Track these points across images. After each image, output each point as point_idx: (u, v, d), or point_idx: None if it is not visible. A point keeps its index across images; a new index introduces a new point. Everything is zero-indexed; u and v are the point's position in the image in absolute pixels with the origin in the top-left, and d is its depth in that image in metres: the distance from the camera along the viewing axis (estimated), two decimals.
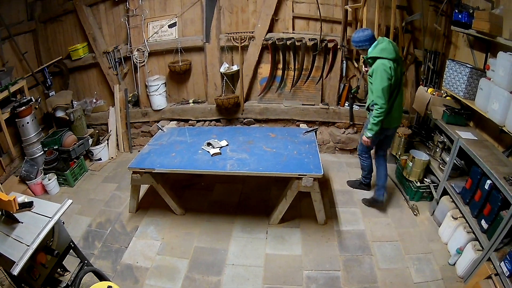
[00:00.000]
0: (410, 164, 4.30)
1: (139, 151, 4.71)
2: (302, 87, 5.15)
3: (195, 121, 5.35)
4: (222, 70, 4.97)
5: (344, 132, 5.31)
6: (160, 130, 4.44)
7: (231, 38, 4.87)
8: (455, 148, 3.68)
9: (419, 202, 4.36)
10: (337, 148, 5.42)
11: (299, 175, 3.39)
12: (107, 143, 5.37)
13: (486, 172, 3.12)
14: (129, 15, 4.95)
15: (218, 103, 5.02)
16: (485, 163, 3.14)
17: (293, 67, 4.99)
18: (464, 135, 3.68)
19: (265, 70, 5.06)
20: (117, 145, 5.50)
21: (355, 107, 5.16)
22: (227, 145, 3.92)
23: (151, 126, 5.52)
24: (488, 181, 3.11)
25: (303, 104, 5.21)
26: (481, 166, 3.20)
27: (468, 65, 3.75)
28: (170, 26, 5.02)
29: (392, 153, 4.98)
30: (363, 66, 4.19)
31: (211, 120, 5.34)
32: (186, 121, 5.36)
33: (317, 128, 4.21)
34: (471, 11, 3.61)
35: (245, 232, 3.85)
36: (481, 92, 3.49)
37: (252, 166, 3.50)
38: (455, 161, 3.80)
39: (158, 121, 5.35)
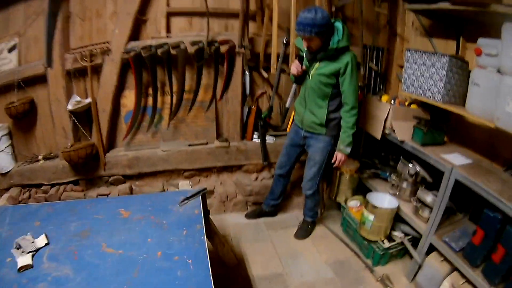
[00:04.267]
0: (371, 217, 2.85)
1: None
2: (187, 118, 3.46)
3: (49, 186, 3.56)
4: (70, 106, 3.23)
5: (257, 178, 3.69)
6: None
7: (79, 55, 3.15)
8: (447, 185, 2.46)
9: (387, 265, 2.99)
10: (249, 204, 3.75)
11: None
12: None
13: None
14: None
15: (65, 158, 3.21)
16: (509, 203, 2.06)
17: (169, 90, 3.32)
18: (456, 161, 2.54)
19: (130, 99, 3.33)
20: None
21: (269, 139, 3.62)
22: (46, 244, 2.07)
23: (1, 196, 3.57)
24: None
25: (190, 145, 3.51)
26: (503, 209, 2.10)
27: (441, 53, 2.63)
28: (10, 50, 3.36)
29: (333, 199, 3.53)
30: (297, 64, 2.79)
31: (67, 183, 3.55)
32: (39, 186, 3.58)
33: (204, 190, 2.45)
34: None
35: None
36: (476, 90, 2.39)
37: None
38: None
39: (8, 189, 3.59)
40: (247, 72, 3.42)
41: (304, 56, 2.75)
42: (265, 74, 3.47)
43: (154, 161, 3.46)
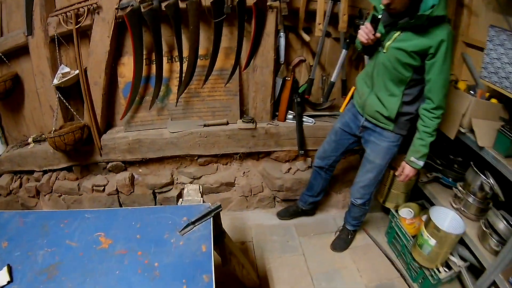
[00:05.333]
0: (432, 242, 2.28)
1: None
2: (201, 91, 2.78)
3: (41, 173, 3.16)
4: (56, 80, 2.69)
5: (289, 169, 3.03)
6: None
7: (63, 17, 2.52)
8: None
9: None
10: (277, 200, 3.16)
11: None
12: None
13: None
14: None
15: (51, 144, 2.72)
16: None
17: (178, 55, 2.61)
18: None
19: (130, 67, 2.67)
20: None
21: (307, 121, 2.94)
22: (9, 282, 1.65)
23: None
24: None
25: (205, 126, 2.87)
26: None
27: None
28: None
29: (381, 203, 2.90)
30: (369, 29, 1.93)
31: (61, 170, 3.10)
32: (30, 173, 3.20)
33: (218, 208, 1.83)
34: None
35: None
36: None
37: None
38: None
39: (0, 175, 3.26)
40: (281, 33, 2.66)
41: (380, 18, 1.93)
42: (305, 37, 2.69)
43: (160, 145, 2.86)
